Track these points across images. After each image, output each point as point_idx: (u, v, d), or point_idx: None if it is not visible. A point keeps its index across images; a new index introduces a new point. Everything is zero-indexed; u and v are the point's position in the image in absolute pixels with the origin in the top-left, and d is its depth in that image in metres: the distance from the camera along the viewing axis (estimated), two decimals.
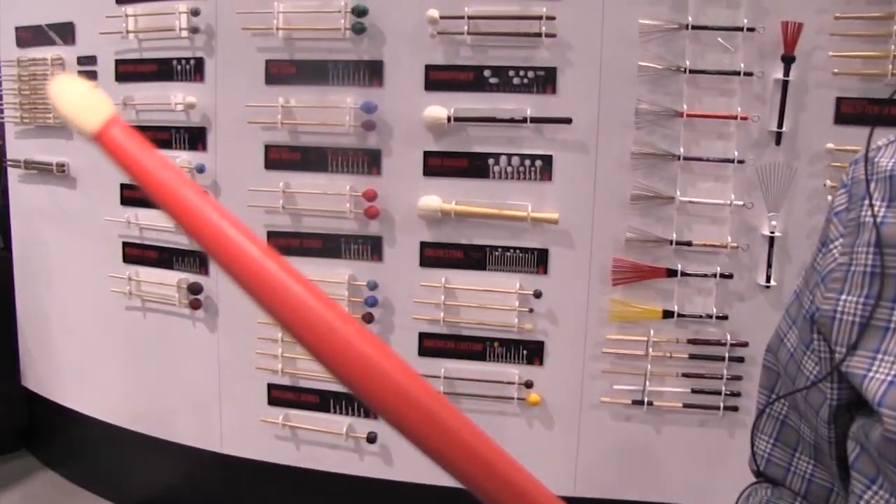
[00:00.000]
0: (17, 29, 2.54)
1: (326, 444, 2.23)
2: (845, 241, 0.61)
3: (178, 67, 2.20)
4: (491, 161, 2.00)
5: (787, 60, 1.83)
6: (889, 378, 0.55)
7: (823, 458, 0.65)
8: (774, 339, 0.70)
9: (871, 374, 0.56)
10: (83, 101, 0.26)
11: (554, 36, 1.91)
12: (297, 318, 0.39)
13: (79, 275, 2.52)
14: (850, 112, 1.83)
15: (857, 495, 0.59)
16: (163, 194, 0.32)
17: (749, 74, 1.85)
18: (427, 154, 2.03)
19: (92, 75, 2.35)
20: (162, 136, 2.24)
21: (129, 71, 2.28)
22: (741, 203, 1.89)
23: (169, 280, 2.30)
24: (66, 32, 2.40)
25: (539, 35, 1.91)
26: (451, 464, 0.41)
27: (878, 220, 0.58)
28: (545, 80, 1.94)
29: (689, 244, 1.92)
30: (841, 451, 0.62)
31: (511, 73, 1.96)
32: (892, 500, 0.56)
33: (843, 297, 0.60)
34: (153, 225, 2.30)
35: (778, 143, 1.87)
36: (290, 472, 2.28)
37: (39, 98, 2.47)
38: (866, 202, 0.60)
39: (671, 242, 1.92)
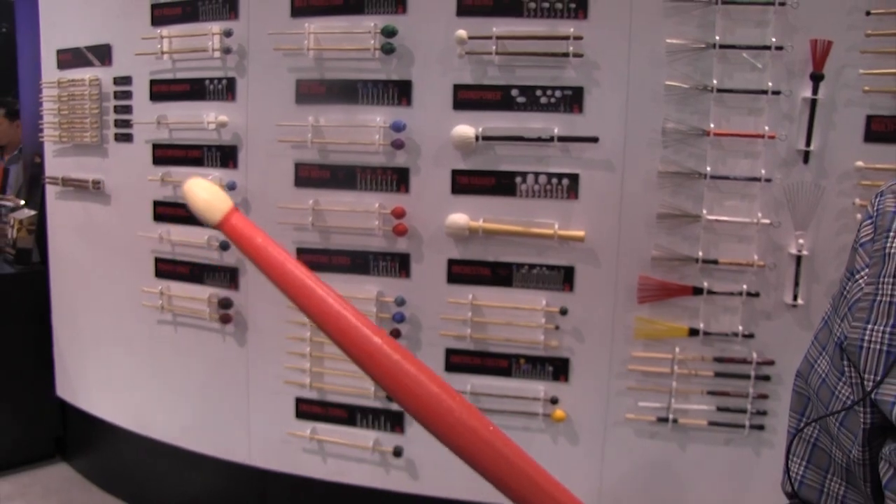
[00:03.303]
0: (58, 52, 2.61)
1: (353, 458, 2.25)
2: (871, 271, 0.62)
3: (211, 87, 2.24)
4: (518, 179, 2.01)
5: (816, 78, 1.82)
6: None
7: (855, 481, 0.66)
8: (805, 365, 0.71)
9: None
10: (211, 197, 0.30)
11: (581, 56, 1.93)
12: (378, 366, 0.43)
13: (112, 289, 2.58)
14: (881, 130, 1.82)
15: None
16: (269, 267, 0.36)
17: (777, 93, 1.85)
18: (455, 172, 2.05)
19: (127, 95, 2.41)
20: (194, 154, 2.29)
21: (162, 91, 2.34)
22: (768, 221, 1.89)
23: (200, 295, 2.34)
24: (103, 54, 2.46)
25: (566, 55, 1.93)
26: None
27: None
28: (572, 100, 1.96)
29: (715, 262, 1.92)
30: (874, 474, 0.63)
31: (538, 92, 1.97)
32: None
33: (870, 326, 0.61)
34: (185, 241, 2.35)
35: (806, 161, 1.86)
36: (317, 484, 2.31)
37: (77, 117, 2.53)
38: (891, 234, 0.61)
39: (697, 260, 1.92)
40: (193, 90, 2.27)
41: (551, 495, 0.53)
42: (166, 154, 2.35)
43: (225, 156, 2.26)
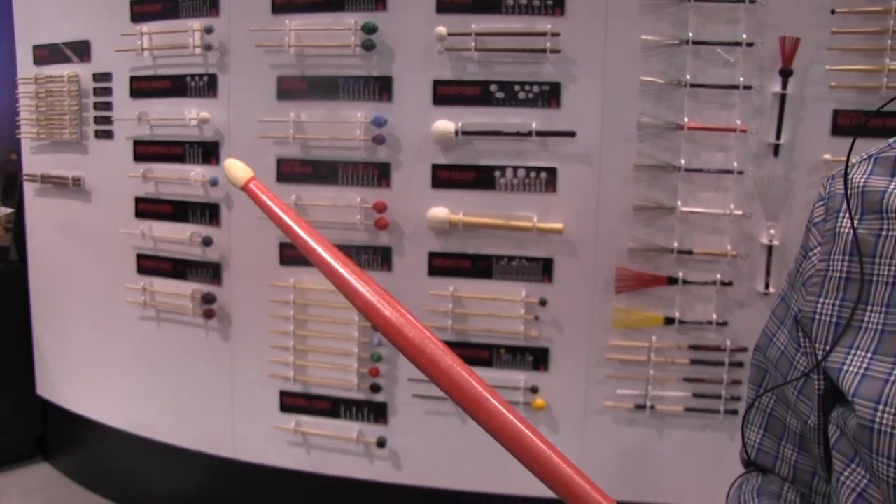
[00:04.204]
0: (34, 48, 2.60)
1: (337, 450, 2.28)
2: (823, 249, 0.67)
3: (192, 83, 2.26)
4: (497, 173, 2.05)
5: (785, 74, 1.88)
6: (861, 371, 0.61)
7: (808, 446, 0.71)
8: (763, 339, 0.76)
9: (845, 367, 0.62)
10: (238, 169, 0.39)
11: (558, 52, 1.97)
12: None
13: (94, 286, 2.58)
14: (847, 124, 1.88)
15: (838, 472, 0.65)
16: (280, 222, 0.42)
17: (748, 88, 1.90)
18: (435, 167, 2.09)
19: (107, 91, 2.41)
20: (176, 151, 2.31)
21: (143, 87, 2.35)
22: (741, 213, 1.94)
23: (183, 290, 2.36)
24: (82, 50, 2.46)
25: (544, 51, 1.97)
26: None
27: (851, 231, 0.65)
28: (550, 95, 2.00)
29: (690, 253, 1.97)
30: (825, 437, 0.68)
31: (517, 87, 2.01)
32: (866, 474, 0.63)
33: (822, 299, 0.66)
34: (167, 237, 2.36)
35: (776, 154, 1.92)
36: (302, 477, 2.33)
37: (56, 114, 2.53)
38: (841, 214, 0.66)
39: (673, 251, 1.97)
40: (175, 87, 2.29)
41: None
42: (148, 151, 2.36)
43: (207, 152, 2.27)
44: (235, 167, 0.40)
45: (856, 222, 0.65)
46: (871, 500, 0.62)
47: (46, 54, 2.57)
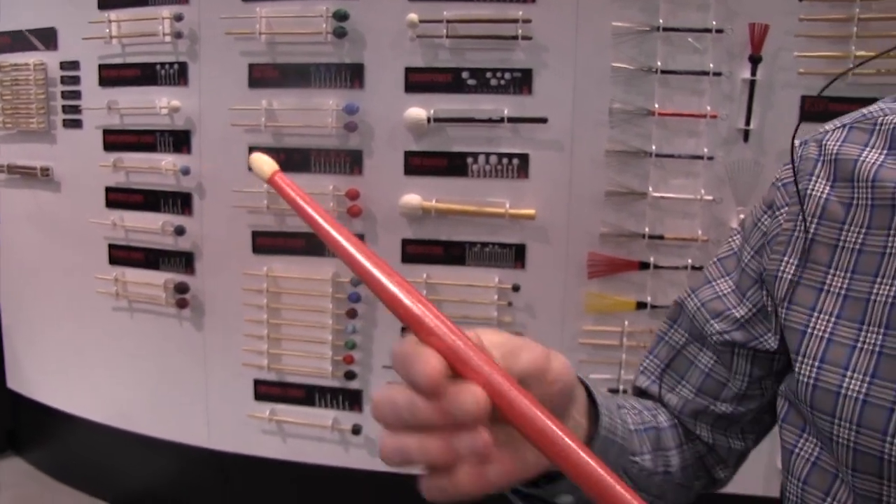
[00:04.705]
0: None
1: (313, 437, 2.29)
2: (791, 209, 0.68)
3: (162, 72, 2.24)
4: (470, 160, 2.06)
5: (755, 61, 1.90)
6: (826, 335, 0.63)
7: (712, 387, 0.73)
8: (700, 283, 0.77)
9: (809, 329, 0.64)
10: (265, 163, 0.42)
11: (530, 38, 1.97)
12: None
13: (65, 277, 2.55)
14: (815, 110, 1.90)
15: (791, 444, 0.67)
16: (305, 215, 0.43)
17: (718, 74, 1.92)
18: (408, 154, 2.09)
19: (75, 80, 2.38)
20: (147, 140, 2.29)
21: (112, 76, 2.32)
22: (711, 198, 1.96)
23: (155, 280, 2.34)
24: (48, 38, 2.42)
25: (515, 38, 1.97)
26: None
27: (822, 195, 0.66)
28: (521, 82, 2.00)
29: (661, 238, 1.99)
30: (746, 387, 0.72)
31: (488, 74, 2.02)
32: (818, 443, 0.65)
33: (786, 258, 0.67)
34: (139, 227, 2.34)
35: (746, 140, 1.94)
36: (277, 465, 2.33)
37: (22, 103, 2.49)
38: (813, 177, 0.67)
39: (644, 236, 1.99)
40: (144, 75, 2.26)
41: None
42: (118, 140, 2.34)
43: (178, 141, 2.26)
44: (261, 160, 0.40)
45: (827, 189, 0.66)
46: (824, 468, 0.63)
47: (9, 42, 2.52)
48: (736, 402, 0.73)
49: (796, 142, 0.72)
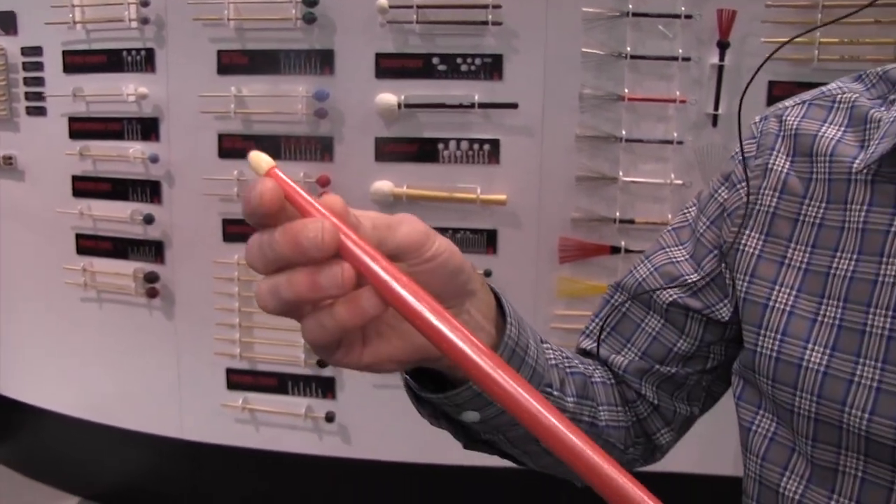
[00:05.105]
0: None
1: (286, 426, 2.28)
2: (752, 183, 0.69)
3: (129, 58, 2.21)
4: (441, 146, 2.05)
5: (723, 46, 1.91)
6: (787, 308, 0.64)
7: (658, 350, 0.74)
8: (651, 250, 0.78)
9: (770, 303, 0.65)
10: (262, 160, 0.40)
11: (500, 24, 1.97)
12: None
13: (31, 268, 2.51)
14: (781, 95, 1.90)
15: (747, 422, 0.68)
16: (301, 209, 0.41)
17: (687, 60, 1.93)
18: (378, 140, 2.08)
19: (38, 66, 2.34)
20: (114, 128, 2.25)
21: (77, 62, 2.28)
22: (680, 182, 1.98)
23: (125, 270, 2.31)
24: (7, 22, 2.37)
25: (485, 23, 1.97)
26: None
27: (783, 170, 0.67)
28: (492, 67, 2.00)
29: (631, 222, 2.01)
30: (695, 349, 0.73)
31: (459, 60, 2.01)
32: (774, 418, 0.66)
33: (747, 231, 0.68)
34: (107, 216, 2.31)
35: (714, 124, 1.96)
36: (250, 454, 2.33)
37: None
38: (774, 152, 0.68)
39: (615, 221, 2.00)
40: (110, 61, 2.23)
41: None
42: (84, 127, 2.30)
43: (146, 128, 2.23)
44: (259, 158, 0.41)
45: (787, 164, 0.67)
46: (781, 443, 0.65)
47: None
48: (682, 363, 0.74)
49: (756, 118, 0.73)
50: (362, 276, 0.40)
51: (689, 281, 0.72)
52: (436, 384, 0.56)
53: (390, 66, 2.05)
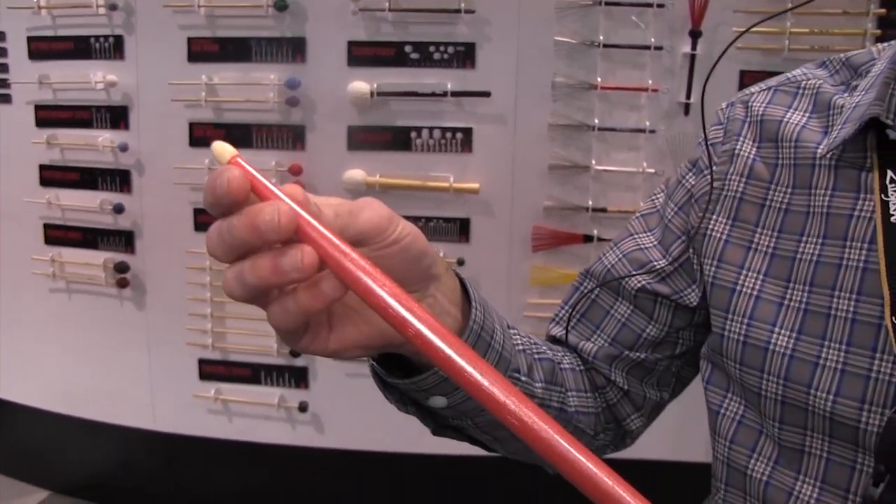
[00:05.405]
0: None
1: (259, 416, 2.27)
2: (719, 169, 0.69)
3: (97, 45, 2.17)
4: (413, 134, 2.05)
5: (695, 35, 1.92)
6: (755, 293, 0.64)
7: (627, 336, 0.75)
8: (620, 237, 0.79)
9: (738, 287, 0.66)
10: (225, 149, 0.41)
11: (473, 12, 1.96)
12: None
13: None
14: (753, 84, 1.93)
15: (716, 405, 0.69)
16: (263, 197, 0.42)
17: (659, 49, 1.94)
18: (351, 128, 2.07)
19: (1, 52, 2.30)
20: (82, 116, 2.22)
21: (43, 49, 2.24)
22: (653, 171, 1.98)
23: (94, 260, 2.28)
24: None
25: (458, 11, 1.96)
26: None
27: (749, 155, 0.68)
28: (465, 55, 2.00)
29: (604, 210, 2.01)
30: (664, 335, 0.73)
31: (431, 48, 2.00)
32: (742, 401, 0.67)
33: (714, 217, 0.69)
34: (76, 205, 2.28)
35: (686, 113, 1.97)
36: (223, 444, 2.31)
37: None
38: (741, 138, 0.69)
39: (587, 209, 2.01)
40: (78, 48, 2.19)
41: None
42: (51, 116, 2.26)
43: (115, 116, 2.20)
44: (223, 147, 0.41)
45: (753, 149, 0.68)
46: (749, 426, 0.66)
47: None
48: (651, 348, 0.74)
49: (723, 104, 0.74)
50: (322, 261, 0.41)
51: (658, 267, 0.72)
52: (403, 370, 0.56)
53: (362, 54, 2.04)
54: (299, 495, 2.36)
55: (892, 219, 0.58)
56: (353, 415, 2.23)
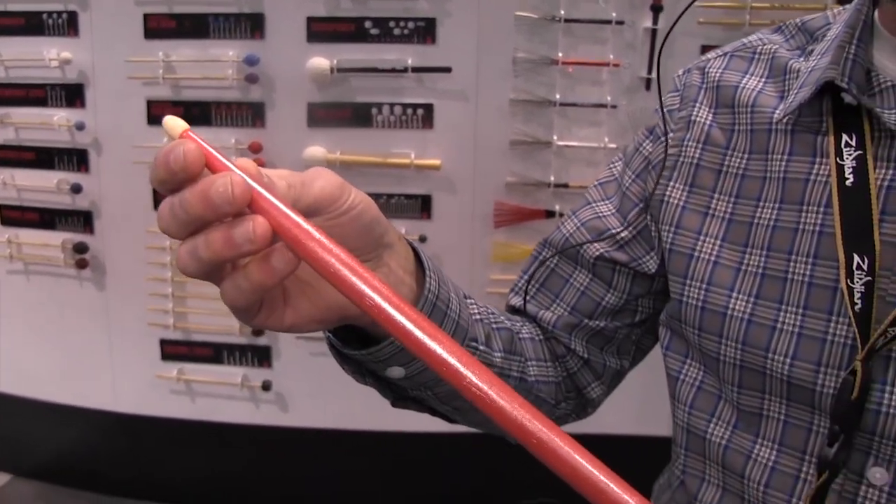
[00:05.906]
0: None
1: (222, 396, 2.26)
2: (676, 135, 0.69)
3: (50, 21, 2.13)
4: (374, 111, 2.03)
5: (656, 10, 1.92)
6: (712, 258, 0.65)
7: (586, 305, 0.75)
8: (578, 205, 0.79)
9: (696, 253, 0.66)
10: (177, 123, 0.41)
11: None
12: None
13: None
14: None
15: (675, 371, 0.69)
16: (216, 170, 0.41)
17: (620, 23, 1.93)
18: (311, 105, 2.05)
19: None
20: (36, 94, 2.18)
21: None
22: (614, 146, 1.99)
23: (52, 241, 2.25)
24: None
25: None
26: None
27: (705, 121, 0.68)
28: (425, 31, 1.98)
29: (566, 186, 2.01)
30: (623, 303, 0.74)
31: (391, 23, 1.98)
32: (701, 367, 0.67)
33: (671, 183, 0.69)
34: (32, 185, 2.24)
35: (648, 88, 1.97)
36: (187, 425, 2.30)
37: None
38: (697, 104, 0.69)
39: (549, 185, 2.01)
40: (30, 24, 2.14)
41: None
42: (4, 94, 2.21)
43: (71, 94, 2.16)
44: (175, 121, 0.41)
45: (710, 115, 0.68)
46: (708, 391, 0.66)
47: None
48: (610, 316, 0.74)
49: (679, 70, 0.73)
50: (276, 232, 0.40)
51: (616, 234, 0.72)
52: (361, 341, 0.56)
53: (322, 30, 2.01)
54: (264, 474, 2.35)
55: (847, 182, 0.58)
56: (316, 393, 2.22)
